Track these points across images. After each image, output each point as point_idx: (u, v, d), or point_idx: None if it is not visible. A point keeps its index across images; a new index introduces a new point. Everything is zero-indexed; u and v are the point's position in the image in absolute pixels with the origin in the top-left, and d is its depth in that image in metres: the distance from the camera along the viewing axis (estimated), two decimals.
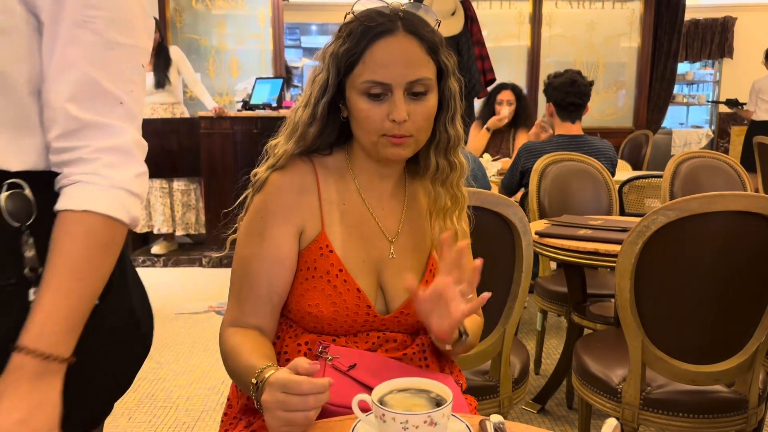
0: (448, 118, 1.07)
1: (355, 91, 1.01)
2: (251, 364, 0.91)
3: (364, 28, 0.99)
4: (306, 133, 1.06)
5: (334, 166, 1.10)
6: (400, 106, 0.98)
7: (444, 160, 1.09)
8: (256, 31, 5.59)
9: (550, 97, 2.83)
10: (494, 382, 1.61)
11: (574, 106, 2.79)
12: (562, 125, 2.86)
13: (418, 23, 1.01)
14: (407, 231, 1.11)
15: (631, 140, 5.65)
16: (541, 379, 2.72)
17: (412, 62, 0.99)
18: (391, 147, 1.02)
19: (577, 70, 2.83)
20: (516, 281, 1.55)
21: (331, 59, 1.02)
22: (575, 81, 2.76)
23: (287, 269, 1.05)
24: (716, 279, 1.50)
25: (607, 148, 2.90)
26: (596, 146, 2.86)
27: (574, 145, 2.80)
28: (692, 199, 1.42)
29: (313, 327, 1.06)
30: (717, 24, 6.90)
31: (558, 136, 2.86)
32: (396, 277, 1.08)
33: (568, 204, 2.68)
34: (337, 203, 1.08)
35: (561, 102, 2.79)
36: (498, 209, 1.50)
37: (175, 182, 4.73)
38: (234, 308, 1.06)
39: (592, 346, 1.81)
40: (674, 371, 1.54)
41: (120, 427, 2.34)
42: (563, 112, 2.82)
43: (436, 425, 0.75)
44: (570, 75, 2.79)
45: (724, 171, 2.85)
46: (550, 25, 6.00)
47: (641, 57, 6.03)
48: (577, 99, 2.77)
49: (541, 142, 2.90)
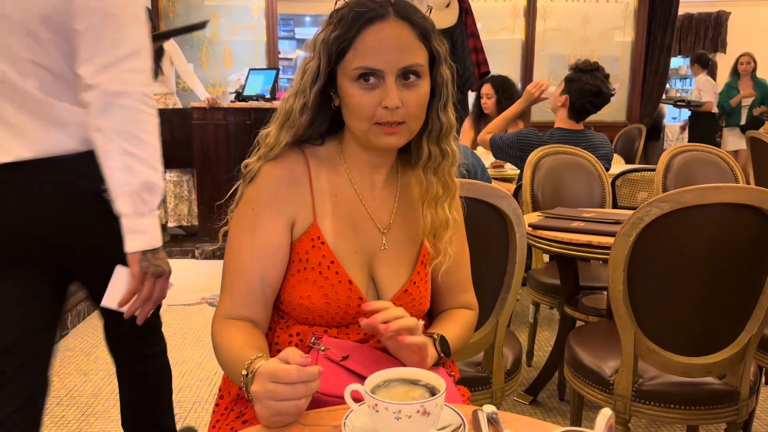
0: (440, 105, 1.06)
1: (347, 78, 1.00)
2: (242, 356, 0.90)
3: (355, 14, 0.98)
4: (297, 123, 1.04)
5: (325, 156, 1.09)
6: (393, 93, 0.97)
7: (436, 148, 1.07)
8: (250, 22, 5.56)
9: (571, 92, 2.71)
10: (487, 373, 1.61)
11: (587, 113, 2.75)
12: (566, 121, 2.80)
13: (410, 9, 1.00)
14: (399, 222, 1.11)
15: (624, 134, 5.66)
16: (533, 371, 2.73)
17: (404, 48, 0.98)
18: (384, 136, 1.00)
19: (606, 74, 2.71)
20: (509, 273, 1.55)
21: (322, 46, 1.01)
22: (601, 93, 2.66)
23: (280, 261, 1.04)
24: (709, 271, 1.50)
25: (604, 143, 2.86)
26: (594, 142, 2.82)
27: (574, 139, 2.78)
28: (686, 191, 1.42)
29: (305, 318, 1.05)
30: (711, 18, 6.91)
31: (558, 129, 2.82)
32: (388, 268, 1.08)
33: (562, 196, 2.68)
34: (329, 194, 1.07)
35: (576, 103, 2.71)
36: (492, 200, 1.50)
37: (167, 173, 4.70)
38: (226, 300, 1.05)
39: (585, 338, 1.81)
40: (666, 363, 1.54)
41: (113, 416, 2.33)
42: (574, 112, 2.75)
43: (429, 415, 0.75)
44: (598, 81, 2.66)
45: (716, 164, 2.86)
46: (545, 18, 5.99)
47: (635, 51, 6.03)
48: (594, 109, 2.72)
49: (540, 134, 2.85)
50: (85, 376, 2.68)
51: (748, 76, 6.23)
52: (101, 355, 2.88)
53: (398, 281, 1.08)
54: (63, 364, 2.79)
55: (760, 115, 6.10)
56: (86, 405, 2.43)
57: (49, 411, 2.38)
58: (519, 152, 2.80)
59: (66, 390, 2.55)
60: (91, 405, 2.43)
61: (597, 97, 2.67)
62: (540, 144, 2.77)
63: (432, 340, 1.05)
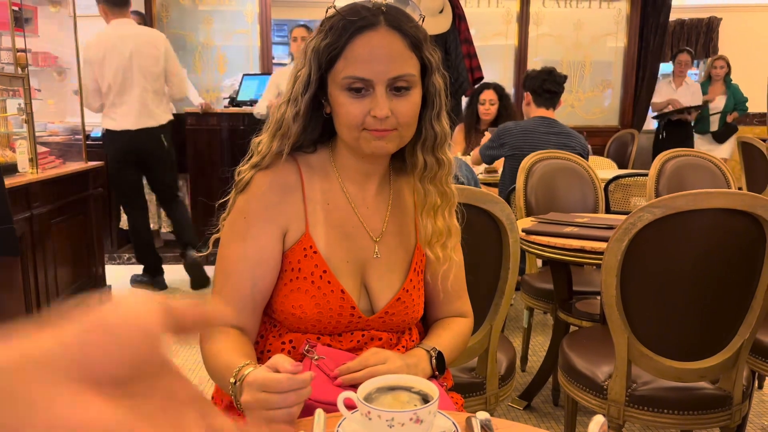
0: (433, 114, 1.05)
1: (337, 87, 0.99)
2: (231, 363, 0.90)
3: (346, 23, 0.98)
4: (290, 130, 1.03)
5: (318, 164, 1.08)
6: (382, 103, 0.96)
7: (432, 158, 1.06)
8: (244, 27, 5.54)
9: (528, 87, 3.03)
10: (481, 379, 1.60)
11: (549, 93, 2.98)
12: (537, 110, 3.02)
13: (401, 18, 0.99)
14: (392, 230, 1.10)
15: (617, 139, 5.68)
16: (527, 376, 2.73)
17: (394, 58, 0.97)
18: (374, 140, 0.99)
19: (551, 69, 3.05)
20: (503, 278, 1.55)
21: (312, 54, 1.00)
22: (552, 72, 2.99)
23: (271, 269, 1.04)
24: (702, 276, 1.50)
25: (579, 137, 3.06)
26: (566, 130, 3.02)
27: (547, 123, 2.97)
28: (678, 196, 1.43)
29: (297, 327, 1.05)
30: (702, 24, 6.94)
31: (534, 117, 3.03)
32: (380, 276, 1.07)
33: (555, 202, 2.69)
34: (321, 202, 1.06)
35: (538, 89, 2.99)
36: (485, 206, 1.50)
37: None
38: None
39: (578, 343, 1.81)
40: (660, 368, 1.54)
41: None
42: (539, 99, 3.00)
43: (422, 422, 0.75)
44: (547, 68, 3.02)
45: (708, 169, 2.87)
46: (538, 24, 6.00)
47: (627, 56, 6.06)
48: (553, 87, 2.98)
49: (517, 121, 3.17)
50: None
51: (720, 81, 6.02)
52: None
53: (390, 290, 1.07)
54: None
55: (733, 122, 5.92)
56: None
57: None
58: (499, 140, 3.02)
59: None
60: None
61: (550, 74, 2.96)
62: (517, 129, 2.98)
63: (429, 356, 1.05)
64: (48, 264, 3.01)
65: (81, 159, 3.64)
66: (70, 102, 4.46)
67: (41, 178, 2.97)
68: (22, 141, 3.01)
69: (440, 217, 1.08)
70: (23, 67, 3.06)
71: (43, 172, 3.07)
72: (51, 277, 3.04)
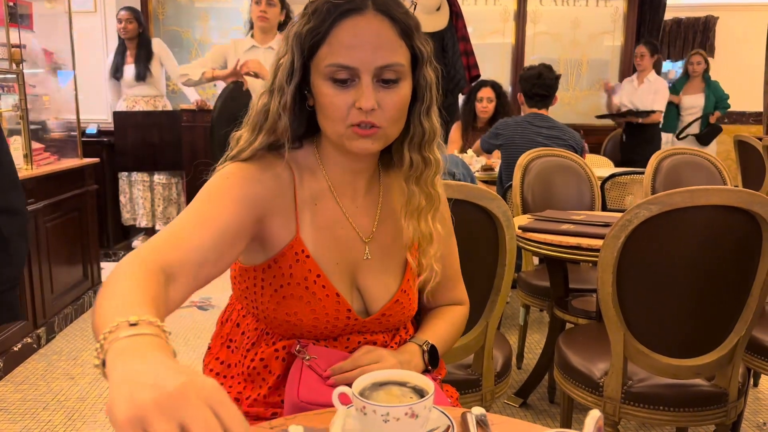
0: (423, 109, 0.97)
1: (320, 76, 0.91)
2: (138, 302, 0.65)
3: (330, 6, 0.90)
4: (277, 123, 0.95)
5: (305, 162, 1.01)
6: (368, 94, 0.89)
7: (418, 156, 0.99)
8: (240, 24, 5.53)
9: (521, 88, 3.17)
10: (477, 375, 1.60)
11: (539, 96, 3.09)
12: (530, 110, 3.16)
13: (391, 3, 0.92)
14: (383, 230, 1.05)
15: (613, 137, 5.68)
16: (523, 373, 2.73)
17: (382, 45, 0.90)
18: (358, 139, 0.92)
19: (548, 65, 3.13)
20: (499, 275, 1.55)
21: (294, 39, 0.92)
22: (541, 74, 3.07)
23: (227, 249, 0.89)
24: (698, 273, 1.50)
25: (572, 131, 3.15)
26: (559, 125, 3.10)
27: (540, 119, 3.09)
28: (675, 193, 1.43)
29: (292, 334, 1.01)
30: (699, 23, 6.95)
31: (528, 113, 3.16)
32: (374, 278, 1.03)
33: (551, 199, 2.69)
34: (309, 203, 1.00)
35: (528, 92, 3.11)
36: (482, 203, 1.50)
37: (156, 176, 4.68)
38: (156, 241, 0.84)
39: (574, 340, 1.81)
40: (655, 365, 1.54)
41: (99, 421, 2.31)
42: (530, 101, 3.13)
43: (418, 417, 0.74)
44: (539, 69, 3.09)
45: (705, 167, 2.88)
46: (535, 22, 6.00)
47: (624, 55, 6.06)
48: (542, 90, 3.08)
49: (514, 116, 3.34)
50: (72, 380, 2.65)
51: (698, 78, 5.63)
52: (88, 359, 2.85)
53: (387, 292, 1.03)
54: (50, 368, 2.76)
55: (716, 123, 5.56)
56: (73, 409, 2.41)
57: (35, 415, 2.35)
58: (496, 131, 3.17)
59: (52, 394, 2.52)
60: (78, 409, 2.41)
61: (539, 77, 3.06)
62: (512, 122, 3.13)
63: (421, 351, 1.03)
64: (42, 260, 3.00)
65: (76, 155, 3.63)
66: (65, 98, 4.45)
67: (36, 174, 2.96)
68: (17, 137, 3.00)
69: (423, 221, 1.02)
70: (18, 62, 3.05)
71: (37, 168, 3.06)
72: (45, 273, 3.03)
